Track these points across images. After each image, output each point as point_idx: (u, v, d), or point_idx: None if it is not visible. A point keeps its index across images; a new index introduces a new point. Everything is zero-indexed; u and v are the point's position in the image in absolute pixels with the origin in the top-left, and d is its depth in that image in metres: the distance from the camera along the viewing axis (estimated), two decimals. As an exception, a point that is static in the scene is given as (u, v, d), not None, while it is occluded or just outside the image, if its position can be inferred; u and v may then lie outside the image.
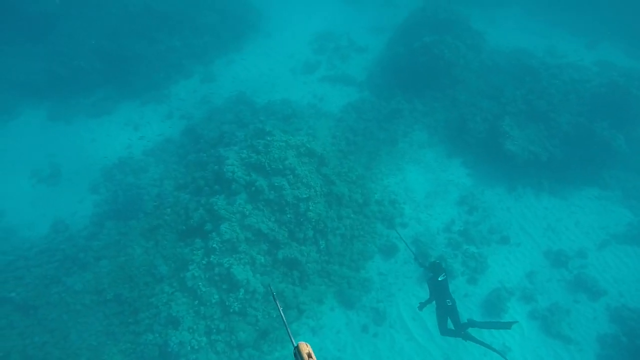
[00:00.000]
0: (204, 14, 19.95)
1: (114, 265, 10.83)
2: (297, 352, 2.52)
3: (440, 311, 8.66)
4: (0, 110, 16.72)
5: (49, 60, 17.60)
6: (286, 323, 3.11)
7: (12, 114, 16.80)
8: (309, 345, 2.56)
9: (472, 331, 9.06)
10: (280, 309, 3.32)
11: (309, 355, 2.51)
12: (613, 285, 11.29)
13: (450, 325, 8.66)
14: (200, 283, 10.05)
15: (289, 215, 10.83)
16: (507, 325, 8.93)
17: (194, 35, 19.49)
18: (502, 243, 12.47)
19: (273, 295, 3.49)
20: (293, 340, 2.73)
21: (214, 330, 9.75)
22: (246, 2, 22.31)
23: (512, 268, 11.92)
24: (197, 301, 9.94)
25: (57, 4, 17.52)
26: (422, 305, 8.71)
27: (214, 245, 10.24)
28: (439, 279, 8.47)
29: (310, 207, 10.88)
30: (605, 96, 14.47)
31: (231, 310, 9.89)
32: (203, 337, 9.64)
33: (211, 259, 10.20)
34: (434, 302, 8.68)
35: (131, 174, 13.93)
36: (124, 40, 18.37)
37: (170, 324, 9.63)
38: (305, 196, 10.85)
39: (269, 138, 11.76)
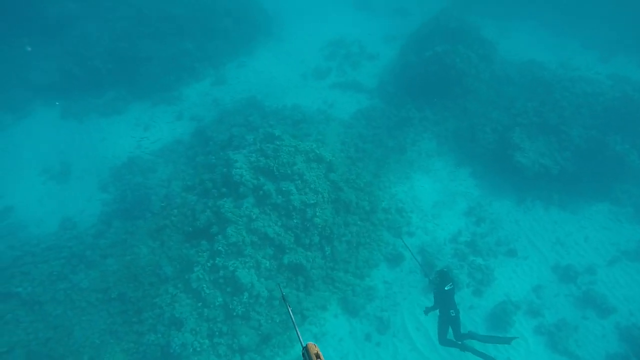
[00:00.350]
0: (217, 18, 20.15)
1: (120, 264, 10.88)
2: (306, 352, 2.56)
3: (442, 320, 8.63)
4: (15, 107, 16.99)
5: (63, 59, 17.88)
6: (294, 323, 3.13)
7: (26, 112, 17.06)
8: (317, 346, 2.60)
9: (477, 345, 8.98)
10: (290, 309, 3.35)
11: (317, 356, 2.54)
12: (623, 303, 11.05)
13: (450, 335, 8.61)
14: (204, 285, 10.05)
15: (295, 220, 10.80)
16: (507, 341, 8.82)
17: (207, 38, 19.68)
18: (509, 255, 12.32)
19: (282, 295, 3.53)
20: (302, 341, 2.76)
21: (217, 333, 9.73)
22: (259, 7, 22.51)
23: (519, 281, 11.75)
24: (200, 303, 9.94)
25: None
26: (427, 310, 8.68)
27: (220, 247, 10.25)
28: (446, 289, 8.40)
29: (317, 213, 10.85)
30: (618, 110, 14.30)
31: (234, 314, 9.87)
32: (205, 340, 9.62)
33: (216, 262, 10.21)
34: (438, 310, 8.64)
35: (140, 173, 14.02)
36: (138, 41, 18.60)
37: (173, 325, 9.64)
38: (312, 202, 10.83)
39: (278, 142, 11.78)
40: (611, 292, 11.28)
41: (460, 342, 8.50)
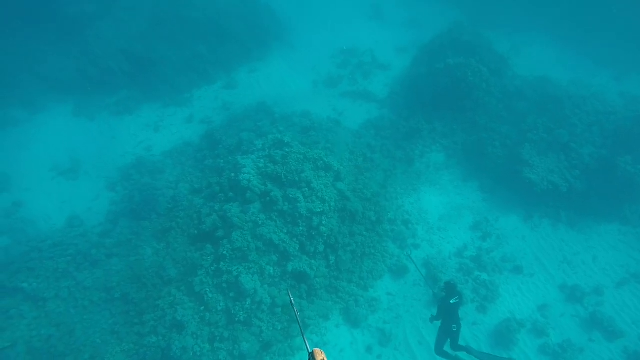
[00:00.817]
0: (231, 23, 20.33)
1: (124, 264, 10.92)
2: (312, 357, 2.59)
3: (442, 332, 8.63)
4: (30, 104, 17.20)
5: (79, 58, 18.09)
6: (302, 328, 3.16)
7: (39, 108, 17.26)
8: (323, 352, 2.68)
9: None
10: (297, 315, 3.38)
11: None
12: (632, 328, 10.85)
13: (448, 347, 8.60)
14: (207, 289, 10.04)
15: (301, 228, 10.78)
16: None
17: (220, 42, 19.85)
18: (515, 272, 12.21)
19: (291, 301, 3.55)
20: (308, 346, 2.79)
21: (218, 338, 9.69)
22: (272, 14, 22.69)
23: (524, 299, 11.63)
24: (203, 307, 9.92)
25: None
26: (432, 318, 8.64)
27: (225, 252, 10.24)
28: (451, 302, 8.35)
29: (323, 222, 10.82)
30: (630, 130, 14.18)
31: (236, 319, 9.83)
32: (206, 344, 9.58)
33: (220, 266, 10.20)
34: (440, 321, 8.60)
35: (148, 174, 14.09)
36: (152, 43, 18.80)
37: (174, 328, 9.60)
38: (319, 210, 10.81)
39: (287, 149, 11.80)
40: (619, 315, 11.10)
41: (454, 355, 8.48)
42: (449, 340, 8.66)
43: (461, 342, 8.86)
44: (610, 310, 11.22)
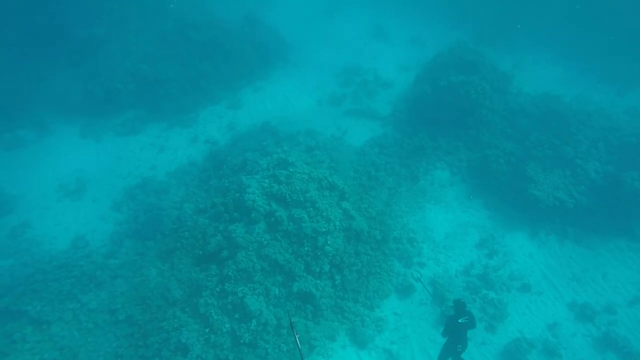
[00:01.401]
0: (236, 43, 20.69)
1: (129, 285, 10.87)
2: None
3: (446, 350, 8.56)
4: (38, 125, 17.49)
5: (87, 80, 18.44)
6: (301, 351, 3.15)
7: (47, 129, 17.53)
8: None
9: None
10: (297, 337, 3.38)
11: None
12: (648, 348, 10.60)
13: None
14: (212, 310, 9.96)
15: (306, 248, 10.72)
16: None
17: (225, 62, 20.16)
18: (523, 291, 12.03)
19: (291, 323, 3.55)
20: None
21: (223, 361, 9.56)
22: (276, 34, 23.08)
23: (534, 318, 11.43)
24: (208, 329, 9.82)
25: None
26: (445, 332, 8.54)
27: (229, 273, 10.19)
28: (460, 321, 8.24)
29: (329, 241, 10.77)
30: (635, 146, 14.15)
31: (241, 341, 9.70)
32: (211, 367, 9.45)
33: (225, 287, 10.14)
34: (446, 338, 8.52)
35: (153, 194, 14.15)
36: (158, 64, 19.16)
37: (179, 351, 9.50)
38: (324, 230, 10.76)
39: (291, 169, 11.82)
40: (634, 335, 10.83)
41: None
42: (450, 358, 8.60)
43: (464, 356, 8.76)
44: (624, 330, 10.97)
